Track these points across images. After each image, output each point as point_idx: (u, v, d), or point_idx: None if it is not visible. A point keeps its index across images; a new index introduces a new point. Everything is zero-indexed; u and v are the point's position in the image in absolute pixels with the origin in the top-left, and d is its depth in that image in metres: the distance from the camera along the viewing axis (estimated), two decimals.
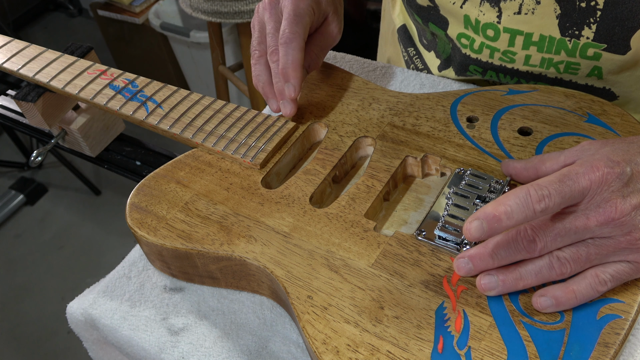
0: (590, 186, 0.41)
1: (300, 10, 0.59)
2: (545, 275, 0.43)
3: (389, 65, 0.76)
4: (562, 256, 0.42)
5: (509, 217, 0.41)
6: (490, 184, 0.52)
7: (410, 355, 0.43)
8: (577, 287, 0.43)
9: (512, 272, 0.44)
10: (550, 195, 0.40)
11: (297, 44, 0.58)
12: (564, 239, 0.42)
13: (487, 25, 0.63)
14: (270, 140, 0.59)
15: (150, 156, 0.84)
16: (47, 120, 0.75)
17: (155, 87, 0.65)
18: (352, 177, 0.60)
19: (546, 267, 0.43)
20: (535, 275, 0.43)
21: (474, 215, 0.42)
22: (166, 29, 2.01)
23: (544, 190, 0.40)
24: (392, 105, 0.62)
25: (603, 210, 0.41)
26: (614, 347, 0.41)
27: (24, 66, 0.69)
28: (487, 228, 0.41)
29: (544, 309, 0.43)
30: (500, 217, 0.41)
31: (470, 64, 0.68)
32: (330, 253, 0.50)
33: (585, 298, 0.43)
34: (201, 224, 0.54)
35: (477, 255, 0.44)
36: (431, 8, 0.67)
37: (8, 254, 2.07)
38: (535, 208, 0.40)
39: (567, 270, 0.43)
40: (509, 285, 0.44)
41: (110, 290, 0.58)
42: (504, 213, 0.41)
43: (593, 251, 0.42)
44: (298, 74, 0.58)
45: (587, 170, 0.41)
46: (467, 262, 0.45)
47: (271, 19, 0.61)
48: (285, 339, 0.51)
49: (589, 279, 0.43)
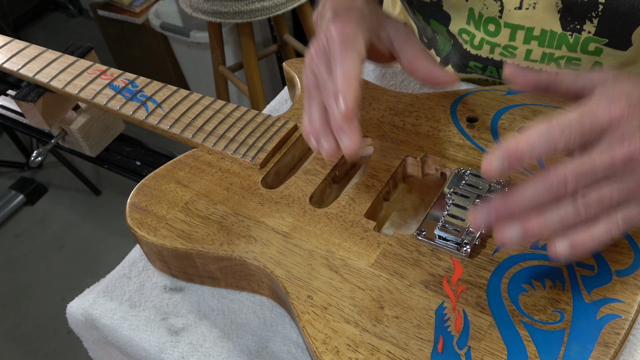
0: (611, 121, 0.40)
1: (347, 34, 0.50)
2: (570, 220, 0.40)
3: (389, 65, 0.76)
4: (588, 199, 0.40)
5: (531, 153, 0.39)
6: (490, 184, 0.52)
7: (410, 355, 0.43)
8: (594, 230, 0.41)
9: (536, 220, 0.40)
10: (571, 130, 0.39)
11: (350, 57, 0.49)
12: (591, 178, 0.40)
13: (489, 19, 0.63)
14: (270, 140, 0.59)
15: (150, 156, 0.84)
16: (47, 120, 0.75)
17: (155, 87, 0.65)
18: (352, 177, 0.60)
19: (572, 212, 0.40)
20: (560, 221, 0.40)
21: (494, 154, 0.40)
22: (166, 29, 2.01)
23: (564, 126, 0.39)
24: (392, 105, 0.62)
25: (628, 144, 0.39)
26: (614, 347, 0.41)
27: (24, 66, 0.69)
28: (508, 164, 0.39)
29: (561, 255, 0.41)
30: (522, 152, 0.39)
31: (470, 59, 0.68)
32: (330, 253, 0.50)
33: (602, 242, 0.41)
34: (201, 224, 0.54)
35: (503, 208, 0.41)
36: (434, 3, 0.67)
37: (8, 254, 2.07)
38: (557, 143, 0.39)
39: (591, 213, 0.40)
40: (531, 235, 0.41)
41: (110, 290, 0.58)
42: (527, 149, 0.39)
43: (616, 191, 0.40)
44: (349, 85, 0.48)
45: (607, 104, 0.40)
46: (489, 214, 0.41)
47: (321, 62, 0.51)
48: (285, 339, 0.51)
49: (604, 220, 0.41)
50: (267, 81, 2.19)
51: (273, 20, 1.79)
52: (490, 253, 0.48)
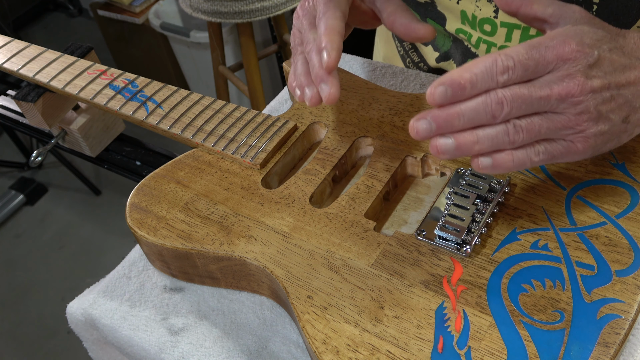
0: (556, 60, 0.42)
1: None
2: (499, 140, 0.43)
3: (389, 65, 0.76)
4: (518, 124, 0.43)
5: (472, 86, 0.41)
6: (490, 184, 0.52)
7: (410, 355, 0.43)
8: (515, 152, 0.44)
9: (469, 134, 0.43)
10: (514, 67, 0.41)
11: (332, 13, 0.53)
12: (526, 107, 0.42)
13: (484, 20, 0.63)
14: (270, 140, 0.59)
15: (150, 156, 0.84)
16: (47, 120, 0.75)
17: (155, 87, 0.65)
18: (352, 177, 0.60)
19: (502, 132, 0.43)
20: (490, 140, 0.43)
21: (439, 80, 0.42)
22: (166, 29, 2.01)
23: (509, 61, 0.41)
24: (392, 105, 0.62)
25: (566, 85, 0.42)
26: (614, 347, 0.41)
27: (24, 66, 0.69)
28: (451, 94, 0.42)
29: (482, 168, 0.44)
30: (464, 85, 0.41)
31: (469, 57, 0.68)
32: (330, 253, 0.50)
33: (520, 164, 0.44)
34: (201, 224, 0.54)
35: (443, 116, 0.43)
36: (428, 4, 0.68)
37: (8, 254, 2.07)
38: (498, 79, 0.41)
39: (519, 139, 0.43)
40: (463, 149, 0.43)
41: (110, 290, 0.58)
42: (469, 81, 0.41)
43: (545, 124, 0.43)
44: (332, 39, 0.51)
45: (557, 44, 0.42)
46: (430, 122, 0.43)
47: (305, 18, 0.57)
48: (285, 339, 0.51)
49: (527, 147, 0.44)
50: (267, 81, 2.19)
51: (273, 20, 1.79)
52: (490, 253, 0.48)
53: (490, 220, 0.50)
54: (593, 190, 0.51)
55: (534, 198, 0.51)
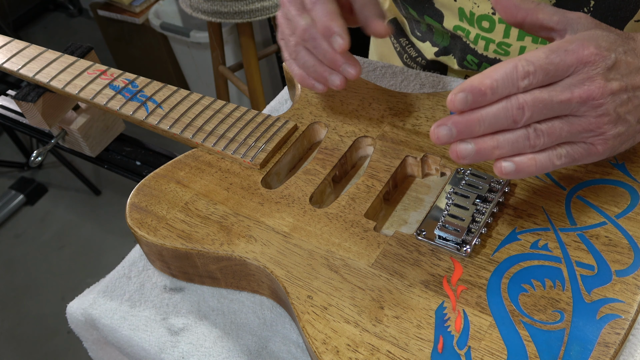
0: (577, 64, 0.42)
1: None
2: (520, 145, 0.43)
3: (389, 65, 0.76)
4: (539, 128, 0.43)
5: (493, 92, 0.41)
6: (490, 184, 0.52)
7: (410, 355, 0.43)
8: (538, 156, 0.43)
9: (490, 139, 0.43)
10: (535, 72, 0.41)
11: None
12: (547, 111, 0.42)
13: (482, 17, 0.63)
14: (270, 140, 0.59)
15: (150, 156, 0.84)
16: (47, 120, 0.75)
17: (155, 87, 0.65)
18: (352, 177, 0.60)
19: (523, 137, 0.43)
20: (511, 144, 0.43)
21: (459, 86, 0.42)
22: (166, 29, 2.01)
23: (530, 66, 0.41)
24: (392, 105, 0.62)
25: (587, 88, 0.42)
26: (614, 347, 0.41)
27: (24, 66, 0.69)
28: (472, 100, 0.42)
29: (505, 173, 0.44)
30: (485, 91, 0.41)
31: (468, 53, 0.68)
32: (330, 253, 0.50)
33: (543, 167, 0.44)
34: (201, 224, 0.54)
35: (464, 122, 0.43)
36: (426, 1, 0.68)
37: (8, 254, 2.07)
38: (519, 84, 0.41)
39: (540, 143, 0.43)
40: (484, 153, 0.43)
41: (110, 290, 0.58)
42: (489, 87, 0.41)
43: (566, 127, 0.43)
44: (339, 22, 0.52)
45: (576, 48, 0.42)
46: (450, 127, 0.43)
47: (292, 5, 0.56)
48: (285, 339, 0.51)
49: (549, 151, 0.44)
50: (267, 81, 2.19)
51: (273, 20, 1.79)
52: (490, 253, 0.48)
53: (490, 220, 0.50)
54: (593, 190, 0.51)
55: (534, 198, 0.51)
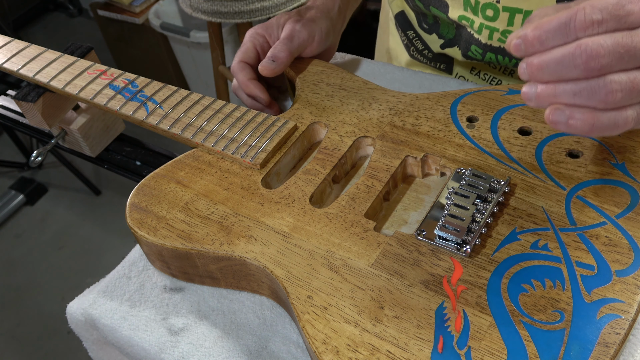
0: None
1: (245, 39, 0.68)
2: (585, 97, 0.38)
3: (389, 65, 0.76)
4: (617, 81, 0.37)
5: (541, 44, 0.38)
6: (490, 184, 0.52)
7: (410, 355, 0.43)
8: (600, 115, 0.38)
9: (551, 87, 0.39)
10: (602, 20, 0.37)
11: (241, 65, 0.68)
12: (627, 61, 0.37)
13: (486, 5, 0.63)
14: (270, 140, 0.59)
15: (150, 156, 0.84)
16: (47, 120, 0.75)
17: (155, 87, 0.65)
18: (352, 177, 0.60)
19: (592, 88, 0.38)
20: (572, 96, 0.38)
21: (518, 31, 0.39)
22: (166, 29, 2.01)
23: (595, 14, 0.37)
24: (392, 105, 0.62)
25: None
26: (614, 347, 0.41)
27: (24, 66, 0.69)
28: (525, 49, 0.39)
29: (553, 122, 0.40)
30: (533, 42, 0.39)
31: (472, 43, 0.68)
32: (330, 253, 0.50)
33: (602, 129, 0.39)
34: (201, 224, 0.54)
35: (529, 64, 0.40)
36: None
37: (8, 254, 2.07)
38: (578, 35, 0.37)
39: (614, 99, 0.38)
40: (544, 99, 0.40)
41: (110, 290, 0.58)
42: (537, 39, 0.38)
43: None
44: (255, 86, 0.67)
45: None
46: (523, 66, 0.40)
47: None
48: (285, 339, 0.51)
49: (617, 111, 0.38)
50: None
51: None
52: (490, 253, 0.48)
53: (490, 220, 0.50)
54: (593, 190, 0.51)
55: (534, 198, 0.51)
